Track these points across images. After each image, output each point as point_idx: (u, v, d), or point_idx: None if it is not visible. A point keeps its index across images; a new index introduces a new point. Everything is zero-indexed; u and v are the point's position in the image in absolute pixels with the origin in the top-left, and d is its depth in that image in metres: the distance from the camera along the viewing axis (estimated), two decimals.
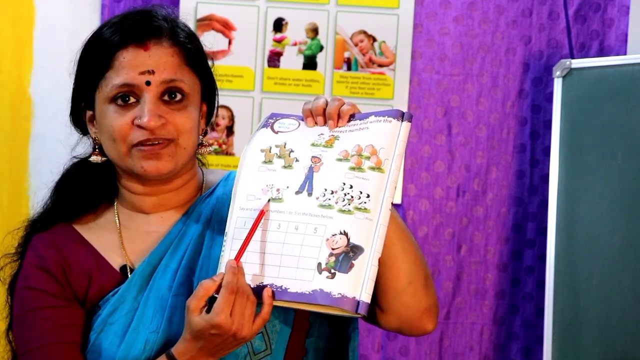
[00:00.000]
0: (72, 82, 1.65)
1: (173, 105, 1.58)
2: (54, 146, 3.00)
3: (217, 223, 1.63)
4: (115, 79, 1.56)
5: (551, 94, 3.06)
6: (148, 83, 1.56)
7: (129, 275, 1.62)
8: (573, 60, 3.00)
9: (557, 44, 3.17)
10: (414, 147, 3.18)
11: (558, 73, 3.00)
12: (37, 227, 1.67)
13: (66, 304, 1.61)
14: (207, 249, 1.61)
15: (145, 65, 1.56)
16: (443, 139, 3.18)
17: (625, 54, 3.09)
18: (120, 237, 1.66)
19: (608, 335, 2.82)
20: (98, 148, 1.64)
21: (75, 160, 1.70)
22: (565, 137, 2.97)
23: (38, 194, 1.72)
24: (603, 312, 2.83)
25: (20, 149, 3.12)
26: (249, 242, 1.52)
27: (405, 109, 3.13)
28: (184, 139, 1.59)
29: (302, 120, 1.60)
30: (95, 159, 1.64)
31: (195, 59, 1.62)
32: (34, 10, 3.12)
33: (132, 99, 1.57)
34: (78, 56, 1.63)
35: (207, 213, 1.65)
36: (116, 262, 1.64)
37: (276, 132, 1.60)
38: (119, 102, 1.57)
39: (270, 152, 1.58)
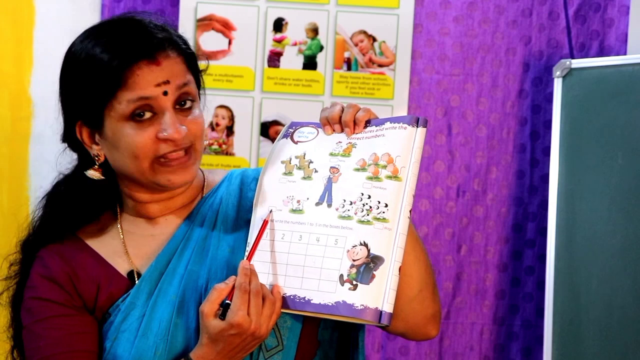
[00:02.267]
0: (62, 99, 1.62)
1: (185, 112, 1.59)
2: (54, 146, 2.99)
3: (222, 224, 1.64)
4: (130, 95, 1.54)
5: (551, 94, 3.06)
6: (165, 93, 1.56)
7: (137, 281, 1.62)
8: (573, 60, 3.00)
9: (557, 44, 3.17)
10: None
11: (558, 73, 3.00)
12: (37, 242, 1.66)
13: (75, 312, 1.61)
14: (214, 250, 1.62)
15: (159, 77, 1.56)
16: (443, 139, 3.18)
17: (625, 54, 3.09)
18: (124, 243, 1.66)
19: (608, 335, 2.82)
20: (99, 165, 1.63)
21: (62, 176, 1.69)
22: (565, 137, 2.97)
23: (38, 194, 1.72)
24: (603, 312, 2.83)
25: (20, 149, 3.12)
26: (257, 245, 1.54)
27: (405, 109, 3.15)
28: (199, 143, 1.61)
29: (321, 128, 1.62)
30: (93, 174, 1.63)
31: (194, 62, 1.64)
32: (34, 10, 3.12)
33: (149, 114, 1.56)
34: (69, 76, 1.60)
35: (212, 214, 1.65)
36: (123, 268, 1.64)
37: (296, 142, 1.62)
38: (136, 118, 1.56)
39: (290, 163, 1.61)
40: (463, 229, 3.19)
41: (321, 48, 3.15)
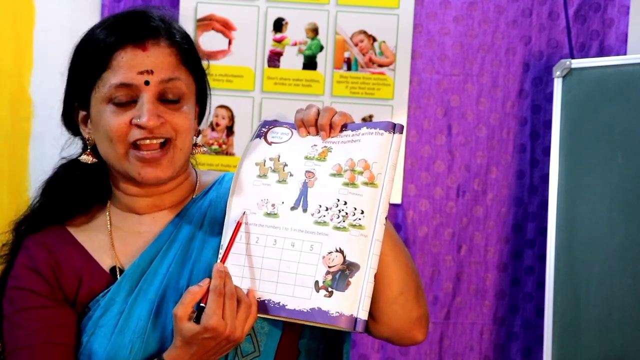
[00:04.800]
0: (65, 81, 1.64)
1: (170, 106, 1.58)
2: (54, 146, 2.99)
3: (209, 226, 1.64)
4: (112, 79, 1.55)
5: (551, 94, 3.06)
6: (147, 83, 1.55)
7: (118, 277, 1.61)
8: (573, 60, 3.00)
9: (557, 44, 3.17)
10: (414, 147, 3.17)
11: (558, 73, 3.00)
12: (27, 228, 1.66)
13: (55, 304, 1.61)
14: (198, 252, 1.61)
15: (143, 65, 1.55)
16: (443, 139, 3.18)
17: (625, 54, 3.09)
18: (111, 238, 1.65)
19: (608, 335, 2.82)
20: (91, 149, 1.63)
21: (65, 161, 1.70)
22: (565, 137, 2.97)
23: (36, 189, 1.72)
24: (603, 312, 2.83)
25: (20, 149, 3.12)
26: (230, 248, 1.53)
27: (405, 109, 3.15)
28: (181, 140, 1.59)
29: (295, 128, 1.61)
30: (86, 158, 1.63)
31: (191, 59, 1.62)
32: (34, 10, 3.12)
33: (129, 98, 1.56)
34: (72, 56, 1.62)
35: (199, 216, 1.65)
36: (106, 264, 1.64)
37: (270, 143, 1.61)
38: (117, 101, 1.56)
39: (264, 165, 1.59)
40: (463, 229, 3.19)
41: (321, 48, 3.15)
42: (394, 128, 1.56)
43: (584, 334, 2.87)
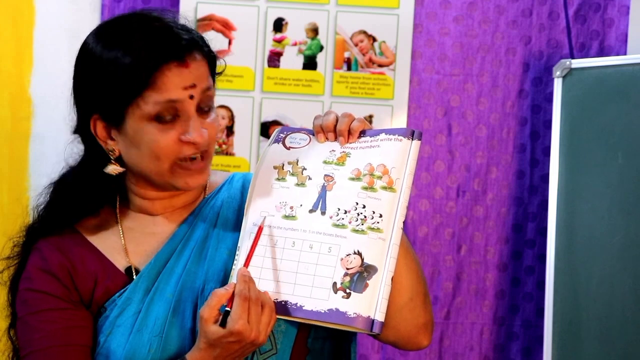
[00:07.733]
0: (78, 92, 1.62)
1: (204, 116, 1.59)
2: (54, 146, 3.00)
3: (222, 226, 1.65)
4: (158, 97, 1.54)
5: (551, 94, 3.06)
6: (192, 97, 1.55)
7: (134, 277, 1.62)
8: (573, 60, 3.00)
9: (557, 44, 3.17)
10: None
11: (558, 73, 3.00)
12: (37, 230, 1.66)
13: (71, 306, 1.61)
14: (213, 252, 1.63)
15: (187, 80, 1.55)
16: (443, 139, 3.18)
17: (625, 54, 3.09)
18: (123, 239, 1.66)
19: (608, 335, 2.82)
20: (116, 159, 1.62)
21: (69, 167, 1.69)
22: (565, 137, 2.97)
23: (38, 194, 1.72)
24: (603, 312, 2.83)
25: (20, 149, 3.12)
26: (253, 253, 1.55)
27: (405, 109, 3.15)
28: (213, 147, 1.62)
29: (313, 134, 1.63)
30: (113, 169, 1.63)
31: (214, 67, 1.64)
32: (34, 10, 3.12)
33: (171, 116, 1.56)
34: (85, 73, 1.60)
35: (212, 216, 1.66)
36: (121, 264, 1.64)
37: (288, 148, 1.63)
38: (160, 119, 1.55)
39: (283, 169, 1.61)
40: (463, 229, 3.19)
41: (321, 48, 3.15)
42: (412, 134, 1.58)
43: (584, 334, 2.87)
